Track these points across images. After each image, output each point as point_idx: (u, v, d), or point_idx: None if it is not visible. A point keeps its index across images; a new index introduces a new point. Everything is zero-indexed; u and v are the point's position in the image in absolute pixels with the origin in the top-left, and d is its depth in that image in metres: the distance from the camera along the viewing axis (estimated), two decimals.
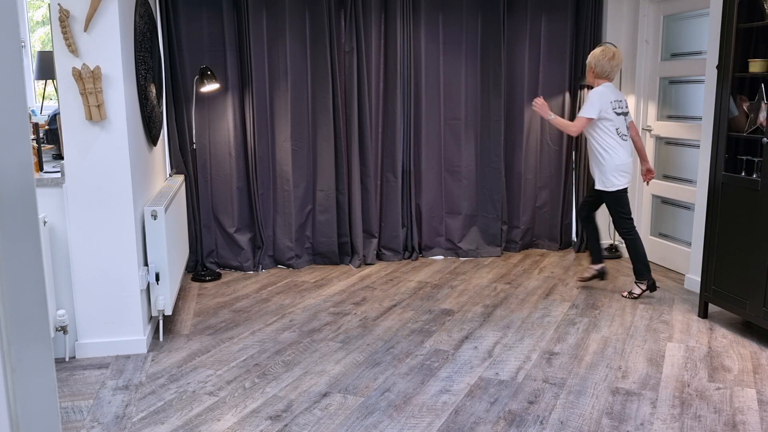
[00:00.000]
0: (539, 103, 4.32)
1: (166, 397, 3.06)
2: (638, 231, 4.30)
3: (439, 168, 5.41)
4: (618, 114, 4.21)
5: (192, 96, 4.80)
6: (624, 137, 4.23)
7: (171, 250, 3.80)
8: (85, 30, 3.30)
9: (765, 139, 3.44)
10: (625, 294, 4.44)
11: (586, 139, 4.41)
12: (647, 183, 4.54)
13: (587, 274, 4.62)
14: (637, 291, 4.40)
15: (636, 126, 4.42)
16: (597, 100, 4.16)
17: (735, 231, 3.69)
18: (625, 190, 4.29)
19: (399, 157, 5.26)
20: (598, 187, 4.32)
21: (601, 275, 4.58)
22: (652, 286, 4.35)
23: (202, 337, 3.79)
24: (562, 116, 5.49)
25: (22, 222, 0.81)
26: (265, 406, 2.97)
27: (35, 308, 0.84)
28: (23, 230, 0.82)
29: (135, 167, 3.56)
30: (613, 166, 4.21)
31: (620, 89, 5.33)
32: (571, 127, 4.27)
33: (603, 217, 5.58)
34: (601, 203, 4.45)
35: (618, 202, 4.30)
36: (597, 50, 4.26)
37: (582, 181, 5.55)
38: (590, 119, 4.17)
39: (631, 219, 4.35)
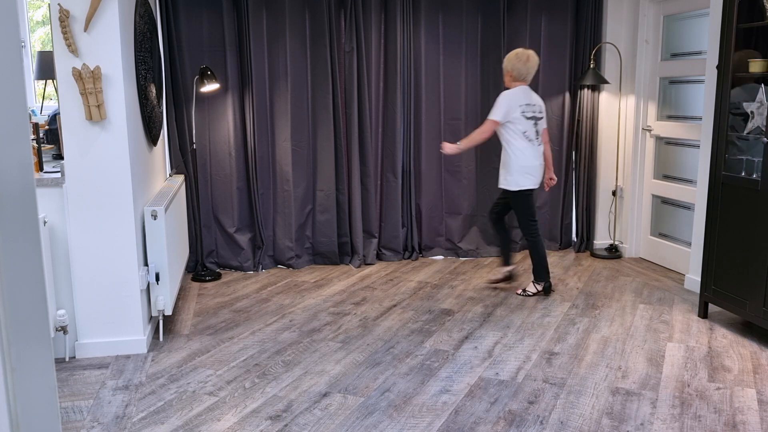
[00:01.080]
0: (446, 147, 4.30)
1: (166, 397, 3.06)
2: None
3: (439, 168, 5.41)
4: (527, 118, 4.20)
5: (192, 96, 4.80)
6: (533, 141, 4.23)
7: (171, 250, 3.80)
8: (85, 30, 3.30)
9: (765, 139, 3.44)
10: (520, 291, 4.48)
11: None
12: (547, 189, 4.59)
13: (495, 276, 4.67)
14: (532, 290, 4.45)
15: (548, 134, 4.44)
16: (505, 103, 4.18)
17: (735, 231, 3.69)
18: (530, 192, 4.29)
19: (399, 157, 5.26)
20: (501, 185, 4.36)
21: (510, 278, 4.60)
22: (547, 289, 4.43)
23: (202, 337, 3.79)
24: (562, 116, 5.50)
25: (22, 222, 0.81)
26: (265, 406, 2.97)
27: (35, 308, 0.84)
28: (23, 230, 0.81)
29: (135, 167, 3.56)
30: (517, 166, 4.22)
31: (619, 90, 5.34)
32: (481, 133, 4.25)
33: (603, 217, 5.58)
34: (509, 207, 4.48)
35: (522, 203, 4.31)
36: (512, 53, 4.27)
37: (582, 181, 5.55)
38: (497, 122, 4.19)
39: (536, 221, 4.37)
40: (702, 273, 3.95)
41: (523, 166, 4.23)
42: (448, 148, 4.31)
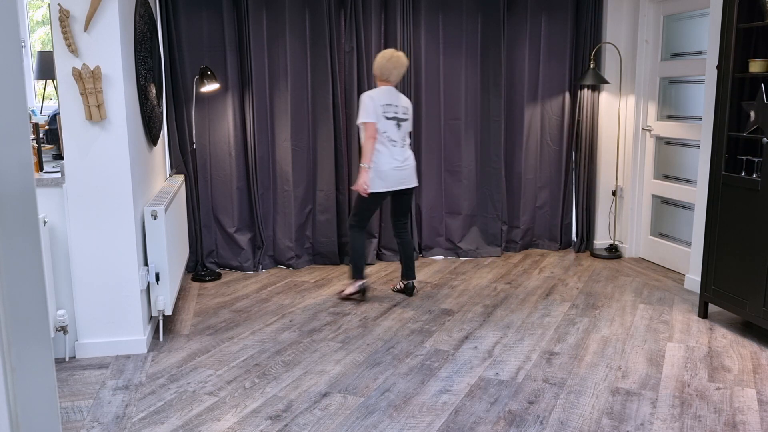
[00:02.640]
0: (360, 187, 4.12)
1: (166, 397, 3.06)
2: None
3: (439, 168, 5.41)
4: (388, 119, 4.10)
5: (192, 96, 4.80)
6: (394, 143, 4.14)
7: (171, 250, 3.80)
8: (85, 30, 3.30)
9: (765, 139, 3.44)
10: (339, 292, 4.41)
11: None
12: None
13: (348, 290, 4.40)
14: (349, 290, 4.35)
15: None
16: (369, 103, 4.07)
17: (735, 231, 3.69)
18: (378, 196, 4.18)
19: None
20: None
21: (364, 291, 4.37)
22: (363, 291, 4.32)
23: (202, 337, 3.79)
24: (562, 116, 5.50)
25: (22, 222, 0.81)
26: (265, 406, 2.97)
27: (35, 308, 0.84)
28: (23, 230, 0.82)
29: (135, 167, 3.56)
30: (375, 170, 4.11)
31: (619, 90, 5.33)
32: (368, 141, 4.09)
33: (603, 217, 5.58)
34: (398, 206, 4.36)
35: (364, 202, 4.21)
36: (379, 54, 4.21)
37: (582, 181, 5.55)
38: (370, 123, 4.06)
39: (361, 221, 4.25)
40: (702, 273, 3.95)
41: (379, 171, 4.12)
42: (361, 185, 4.12)
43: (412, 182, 4.30)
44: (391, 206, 4.46)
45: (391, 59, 4.15)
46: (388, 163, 4.15)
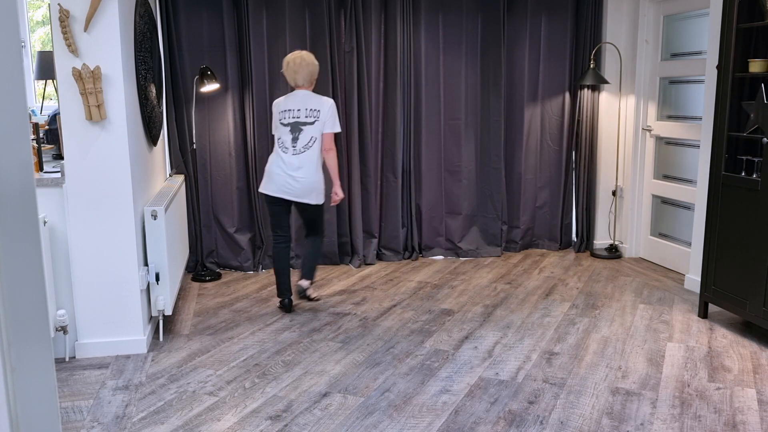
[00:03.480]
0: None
1: (166, 397, 3.06)
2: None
3: (439, 168, 5.41)
4: (283, 125, 3.96)
5: (192, 96, 4.80)
6: (285, 149, 3.94)
7: (171, 250, 3.80)
8: (85, 30, 3.30)
9: (765, 139, 3.44)
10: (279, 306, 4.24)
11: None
12: (332, 203, 4.21)
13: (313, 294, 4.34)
14: (278, 304, 4.23)
15: (330, 143, 3.98)
16: (274, 111, 4.04)
17: (735, 231, 3.69)
18: (270, 200, 4.03)
19: (399, 157, 5.25)
20: None
21: (301, 293, 4.21)
22: (286, 307, 4.15)
23: (202, 337, 3.79)
24: (562, 116, 5.50)
25: (22, 222, 0.81)
26: (265, 406, 2.97)
27: (35, 308, 0.84)
28: (23, 230, 0.82)
29: (135, 167, 3.56)
30: (265, 170, 4.05)
31: (619, 90, 5.33)
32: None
33: (603, 217, 5.58)
34: (302, 221, 4.24)
35: (266, 206, 4.17)
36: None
37: (582, 182, 5.55)
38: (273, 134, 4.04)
39: (274, 233, 4.12)
40: (702, 273, 3.95)
41: (266, 170, 4.03)
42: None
43: (305, 198, 3.98)
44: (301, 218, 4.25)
45: (288, 66, 3.98)
46: (275, 166, 3.98)
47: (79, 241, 3.44)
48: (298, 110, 3.96)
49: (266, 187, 4.02)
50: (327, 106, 3.97)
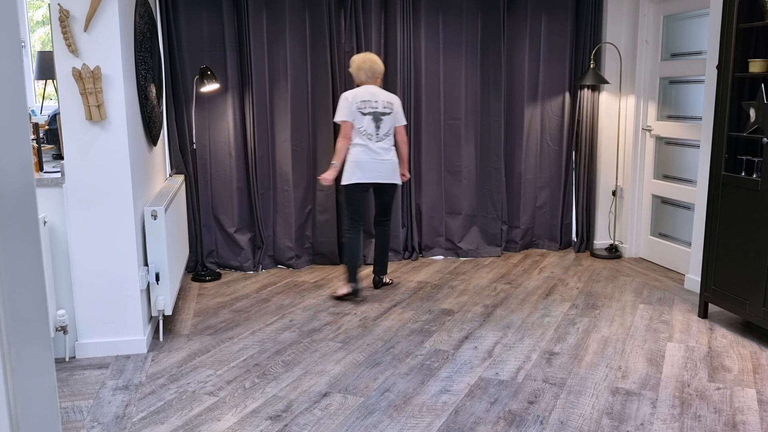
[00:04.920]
0: (325, 178, 4.28)
1: (166, 397, 3.06)
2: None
3: (439, 168, 5.40)
4: (364, 114, 4.24)
5: (192, 96, 4.80)
6: (369, 137, 4.25)
7: (171, 250, 3.80)
8: (85, 30, 3.30)
9: (765, 139, 3.44)
10: (335, 294, 4.43)
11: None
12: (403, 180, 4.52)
13: (341, 291, 4.43)
14: (342, 291, 4.39)
15: (404, 134, 4.40)
16: (344, 104, 4.26)
17: (735, 231, 3.69)
18: (357, 188, 4.29)
19: None
20: None
21: (355, 293, 4.39)
22: (355, 293, 4.36)
23: (202, 337, 3.79)
24: (562, 116, 5.50)
25: (22, 222, 0.81)
26: (265, 406, 2.97)
27: (35, 308, 0.84)
28: (23, 230, 0.81)
29: (135, 167, 3.56)
30: (349, 161, 4.27)
31: (619, 90, 5.33)
32: (337, 140, 4.31)
33: (603, 217, 5.58)
34: (378, 204, 4.50)
35: (347, 196, 4.38)
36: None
37: (582, 181, 5.55)
38: (342, 122, 4.25)
39: (355, 220, 4.37)
40: (702, 273, 3.95)
41: (352, 161, 4.26)
42: (327, 178, 4.28)
43: (390, 178, 4.33)
44: (374, 205, 4.59)
45: (354, 65, 4.35)
46: (363, 154, 4.25)
47: (79, 241, 3.44)
48: (376, 102, 4.28)
49: (356, 176, 4.26)
50: (397, 101, 4.39)
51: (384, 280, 4.66)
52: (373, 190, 4.42)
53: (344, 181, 4.31)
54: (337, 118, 4.28)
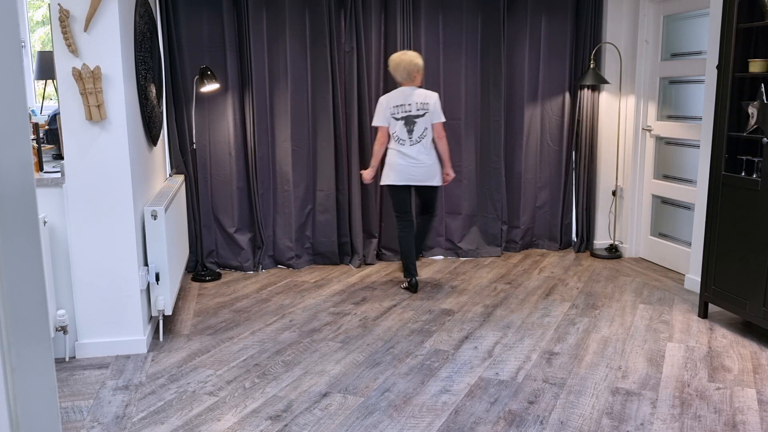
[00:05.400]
0: (366, 176, 4.55)
1: (166, 397, 3.06)
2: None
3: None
4: (396, 119, 4.36)
5: (192, 96, 4.80)
6: (401, 141, 4.36)
7: (171, 250, 3.80)
8: (85, 30, 3.30)
9: (765, 139, 3.44)
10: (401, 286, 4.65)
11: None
12: (444, 183, 4.60)
13: (403, 286, 4.67)
14: (403, 285, 4.63)
15: (441, 131, 4.40)
16: (379, 109, 4.43)
17: (735, 231, 3.69)
18: (395, 189, 4.46)
19: None
20: None
21: (412, 286, 4.58)
22: (413, 287, 4.54)
23: (202, 337, 3.79)
24: (562, 116, 5.50)
25: (22, 222, 0.81)
26: (265, 406, 2.97)
27: (35, 308, 0.84)
28: (23, 230, 0.82)
29: (135, 167, 3.56)
30: (386, 163, 4.46)
31: (619, 90, 5.33)
32: (376, 143, 4.46)
33: (603, 217, 5.58)
34: (420, 203, 4.68)
35: (389, 195, 4.60)
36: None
37: (582, 181, 5.55)
38: (378, 126, 4.42)
39: (400, 218, 4.53)
40: (702, 273, 3.95)
41: (388, 164, 4.44)
42: (365, 176, 4.54)
43: (430, 181, 4.44)
44: (417, 202, 4.79)
45: (391, 65, 4.42)
46: (399, 158, 4.39)
47: (79, 241, 3.44)
48: (409, 105, 4.35)
49: (392, 178, 4.43)
50: (433, 99, 4.40)
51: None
52: (414, 189, 4.56)
53: (382, 182, 4.53)
54: (373, 123, 4.48)
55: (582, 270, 5.09)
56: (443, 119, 4.42)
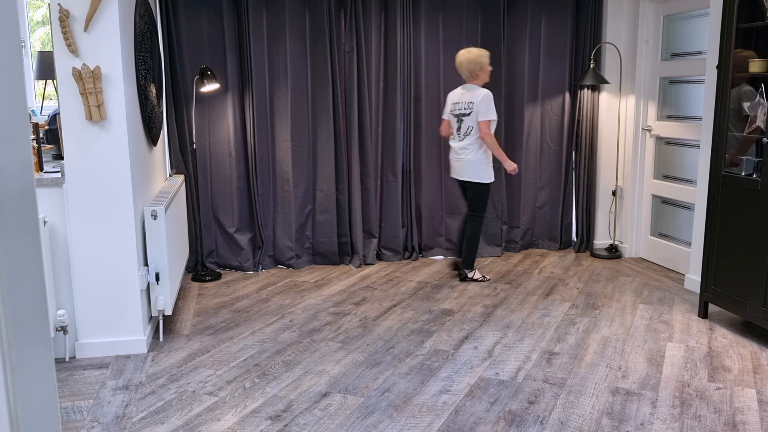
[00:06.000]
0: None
1: (166, 397, 3.06)
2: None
3: (439, 168, 5.40)
4: (453, 115, 4.68)
5: (192, 96, 4.80)
6: (453, 137, 4.72)
7: (171, 250, 3.80)
8: (85, 30, 3.30)
9: (765, 139, 3.44)
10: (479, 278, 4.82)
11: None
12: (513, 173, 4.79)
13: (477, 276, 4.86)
14: (477, 276, 4.82)
15: (485, 129, 4.52)
16: (447, 101, 4.78)
17: (735, 231, 3.69)
18: (456, 182, 4.87)
19: (399, 157, 5.25)
20: None
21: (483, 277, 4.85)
22: (462, 278, 4.81)
23: (202, 337, 3.79)
24: (562, 116, 5.50)
25: (22, 222, 0.81)
26: (265, 406, 2.97)
27: (35, 308, 0.84)
28: (23, 230, 0.81)
29: (135, 167, 3.56)
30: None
31: (619, 90, 5.33)
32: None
33: (603, 217, 5.58)
34: (467, 194, 4.84)
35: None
36: None
37: (582, 181, 5.55)
38: (444, 119, 4.81)
39: (468, 213, 4.77)
40: (702, 273, 3.95)
41: (450, 158, 4.79)
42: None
43: (464, 176, 4.66)
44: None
45: (456, 62, 4.66)
46: (451, 152, 4.76)
47: (79, 241, 3.44)
48: (460, 103, 4.63)
49: (450, 172, 4.84)
50: (480, 98, 4.52)
51: (468, 275, 4.80)
52: (460, 185, 4.86)
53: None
54: (444, 115, 4.83)
55: (582, 270, 5.09)
56: (487, 118, 4.50)
